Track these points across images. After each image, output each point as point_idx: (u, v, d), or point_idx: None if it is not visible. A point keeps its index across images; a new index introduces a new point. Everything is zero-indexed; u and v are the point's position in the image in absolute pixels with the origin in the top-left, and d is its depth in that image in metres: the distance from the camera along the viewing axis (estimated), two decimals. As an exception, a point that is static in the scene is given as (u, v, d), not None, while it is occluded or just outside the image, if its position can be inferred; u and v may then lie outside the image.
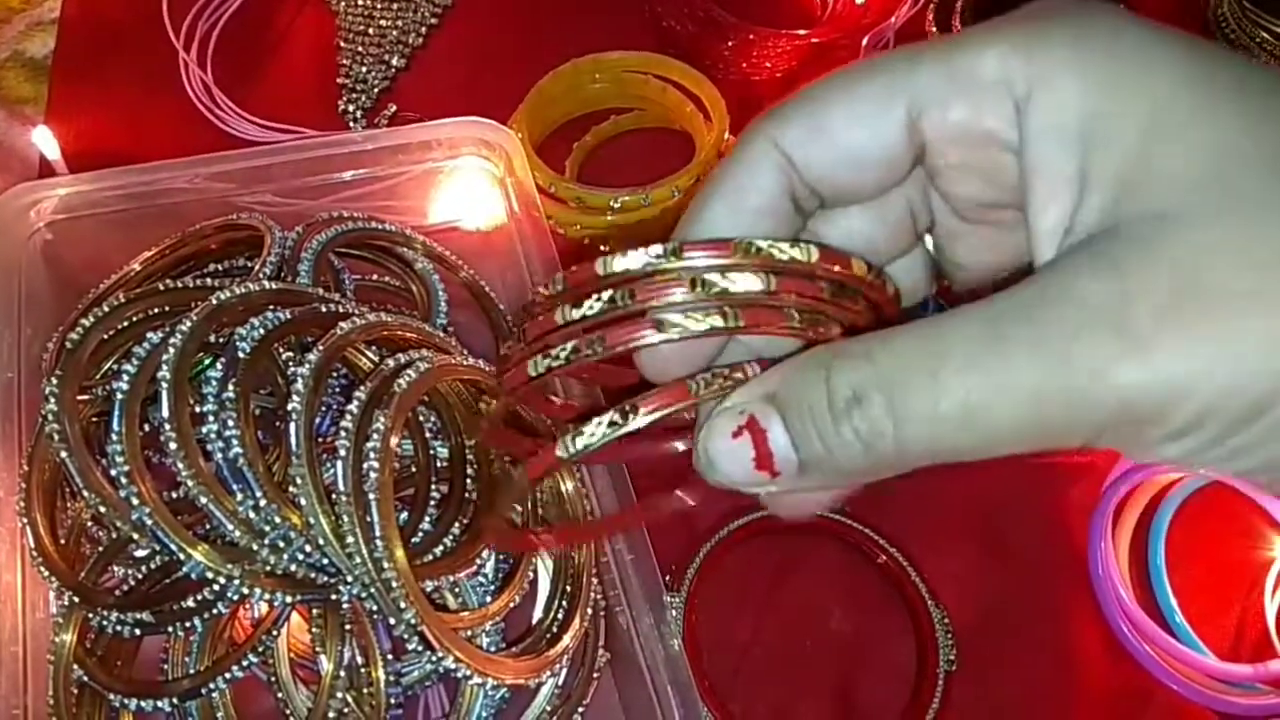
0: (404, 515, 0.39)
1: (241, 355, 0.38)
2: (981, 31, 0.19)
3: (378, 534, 0.35)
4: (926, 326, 0.18)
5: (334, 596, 0.37)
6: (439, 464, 0.42)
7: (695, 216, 0.21)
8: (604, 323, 0.19)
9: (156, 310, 0.41)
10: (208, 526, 0.37)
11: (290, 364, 0.40)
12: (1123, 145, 0.17)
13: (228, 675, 0.37)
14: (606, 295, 0.19)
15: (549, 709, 0.41)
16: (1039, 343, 0.17)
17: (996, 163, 0.20)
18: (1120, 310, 0.16)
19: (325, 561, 0.37)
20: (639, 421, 0.19)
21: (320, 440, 0.39)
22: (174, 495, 0.38)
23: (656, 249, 0.19)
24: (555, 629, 0.41)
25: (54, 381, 0.38)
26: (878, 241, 0.22)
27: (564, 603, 0.41)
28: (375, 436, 0.37)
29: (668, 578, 0.46)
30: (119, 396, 0.37)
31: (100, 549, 0.39)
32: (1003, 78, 0.18)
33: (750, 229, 0.21)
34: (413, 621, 0.35)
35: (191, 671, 0.38)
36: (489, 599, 0.40)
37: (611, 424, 0.20)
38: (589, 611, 0.41)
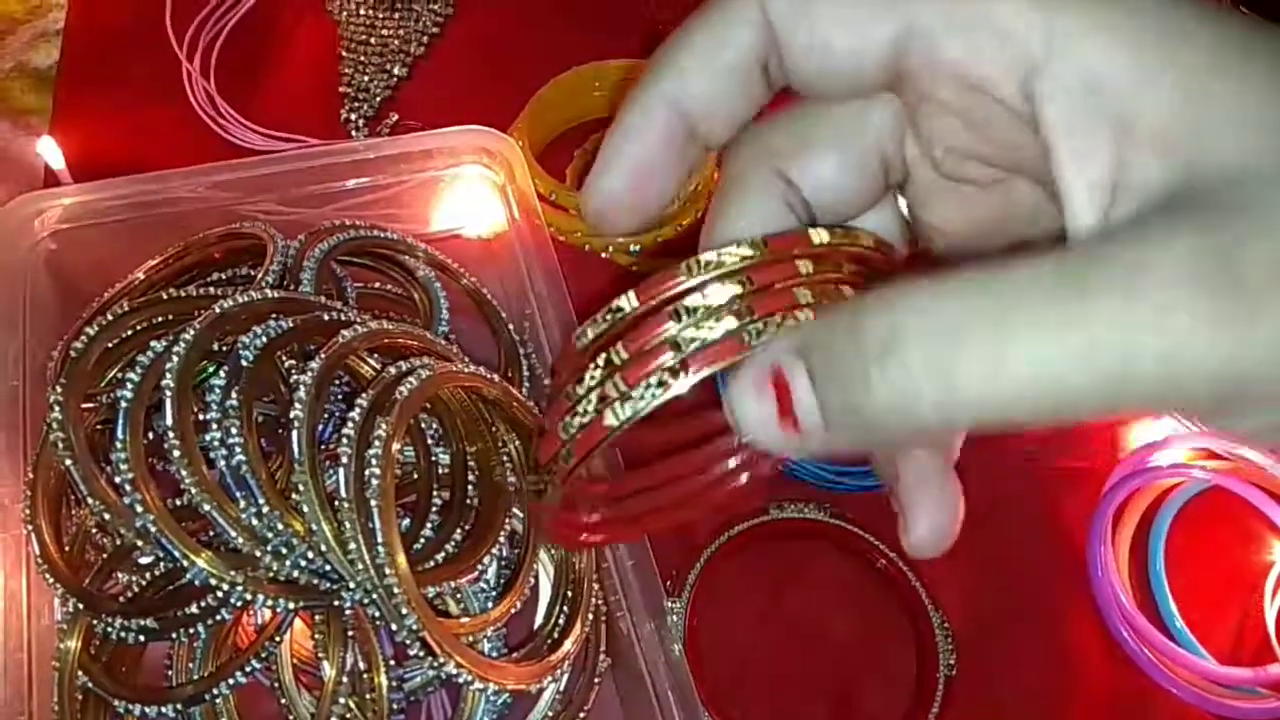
0: (406, 522, 0.40)
1: (244, 363, 0.38)
2: None
3: (380, 540, 0.36)
4: (983, 273, 0.16)
5: (336, 603, 0.38)
6: (440, 471, 0.42)
7: (666, 67, 0.20)
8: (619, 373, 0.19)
9: (160, 319, 0.42)
10: (211, 533, 0.37)
11: (293, 372, 0.40)
12: (1168, 104, 0.16)
13: (231, 681, 0.38)
14: (602, 359, 0.19)
15: (550, 714, 0.41)
16: (1133, 297, 0.15)
17: (985, 112, 0.19)
18: (1225, 269, 0.15)
19: (327, 568, 0.37)
20: (689, 380, 0.18)
21: (323, 447, 0.40)
22: (177, 502, 0.38)
23: (622, 303, 0.19)
24: (556, 634, 0.41)
25: (58, 390, 0.39)
26: (847, 191, 0.22)
27: (565, 608, 0.41)
28: (377, 443, 0.37)
29: (669, 583, 0.46)
30: (123, 404, 0.38)
31: (104, 556, 0.39)
32: (1015, 29, 0.17)
33: (720, 85, 0.20)
34: (414, 627, 0.35)
35: (195, 677, 0.38)
36: (490, 605, 0.40)
37: (660, 384, 0.18)
38: (590, 617, 0.41)
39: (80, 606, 0.38)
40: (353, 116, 0.61)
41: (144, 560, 0.39)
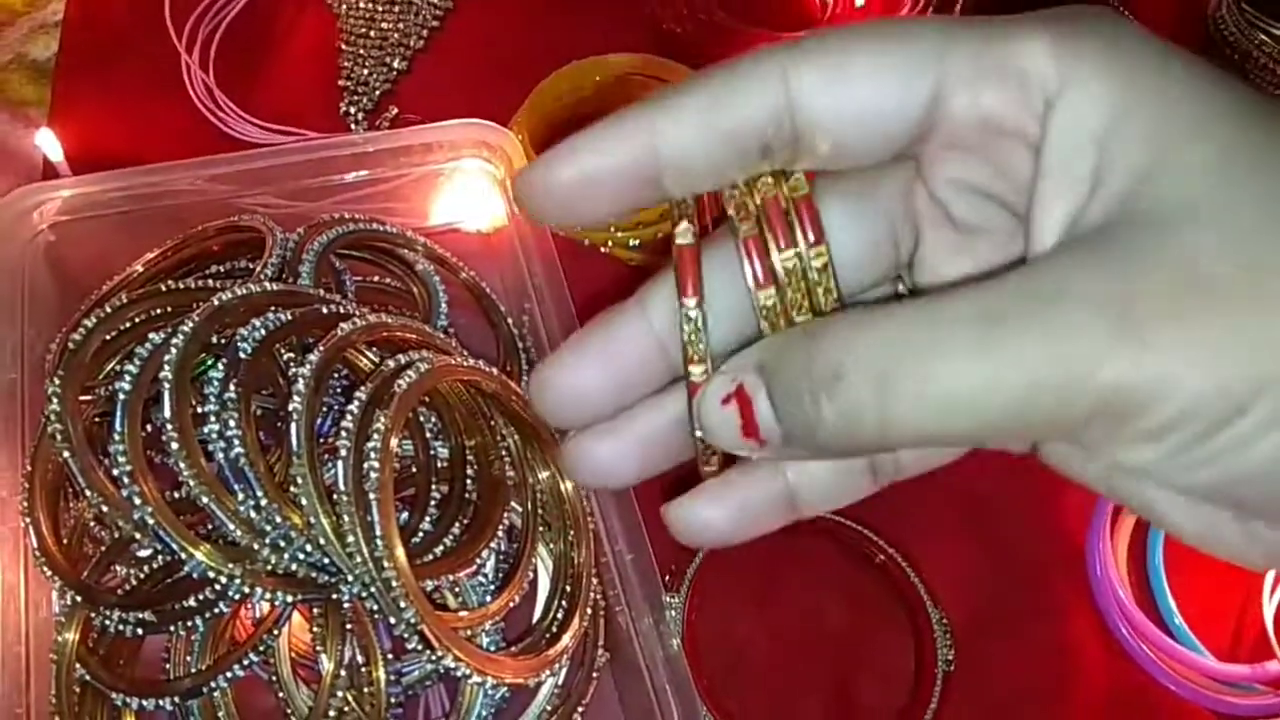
0: (404, 515, 0.40)
1: (243, 356, 0.38)
2: (1020, 23, 0.19)
3: (378, 534, 0.36)
4: (917, 307, 0.18)
5: (335, 596, 0.38)
6: (439, 464, 0.42)
7: (665, 107, 0.20)
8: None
9: (159, 311, 0.42)
10: (209, 526, 0.37)
11: (291, 365, 0.40)
12: (1135, 149, 0.18)
13: (229, 674, 0.38)
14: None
15: (549, 708, 0.41)
16: (1038, 330, 0.17)
17: (1012, 157, 0.19)
18: (1121, 303, 0.16)
19: (326, 561, 0.37)
20: None
21: (321, 441, 0.40)
22: (176, 495, 0.38)
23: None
24: (555, 629, 0.41)
25: (56, 382, 0.39)
26: (859, 256, 0.22)
27: (563, 602, 0.41)
28: (376, 437, 0.37)
29: (667, 578, 0.46)
30: (121, 397, 0.37)
31: (102, 549, 0.39)
32: (1039, 72, 0.18)
33: (708, 147, 0.20)
34: (413, 621, 0.35)
35: (193, 670, 0.38)
36: (489, 599, 0.40)
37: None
38: (588, 611, 0.41)
39: (78, 599, 0.38)
40: (352, 110, 0.61)
41: (142, 553, 0.39)
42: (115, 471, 0.37)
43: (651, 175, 0.20)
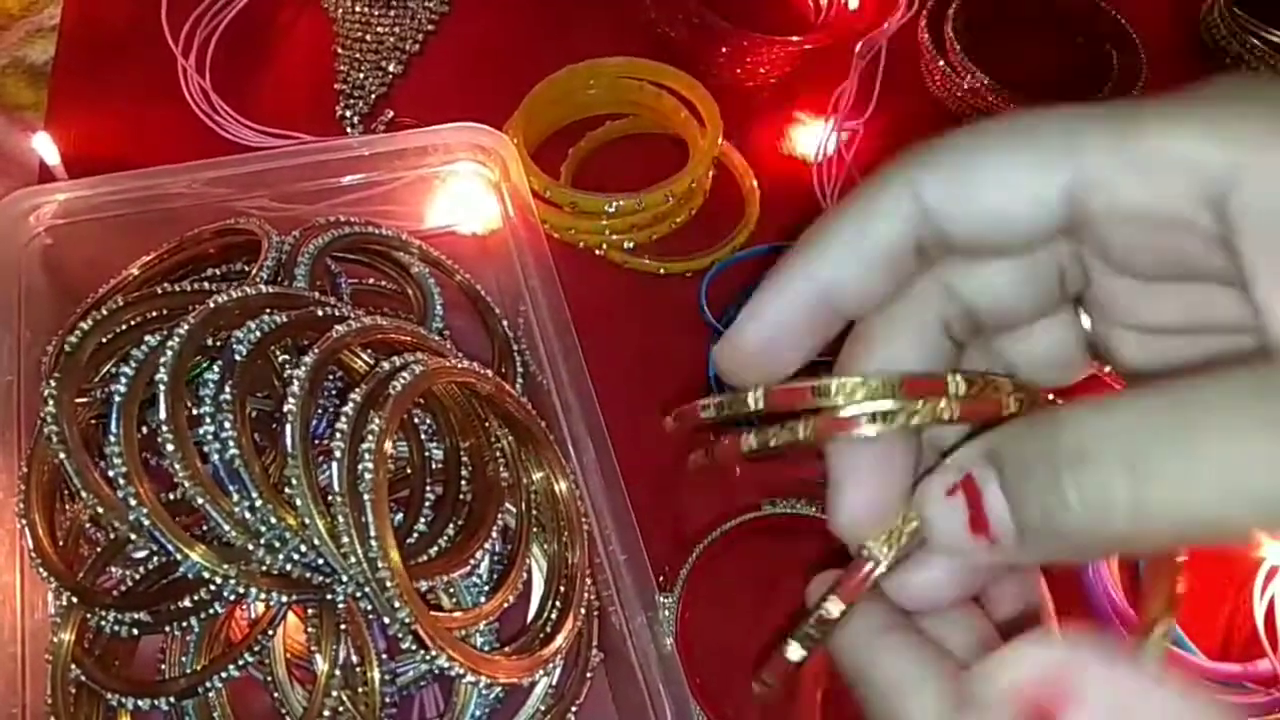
0: (399, 516, 0.40)
1: (238, 358, 0.38)
2: (1164, 109, 0.18)
3: (372, 534, 0.36)
4: (1178, 384, 0.16)
5: (329, 596, 0.38)
6: (434, 466, 0.42)
7: (814, 252, 0.20)
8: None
9: (154, 314, 0.42)
10: (205, 527, 0.38)
11: (286, 366, 0.41)
12: None
13: (224, 674, 0.38)
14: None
15: (542, 708, 0.41)
16: None
17: (1177, 244, 0.18)
18: None
19: (321, 561, 0.37)
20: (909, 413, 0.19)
21: (316, 442, 0.40)
22: (171, 496, 0.38)
23: (748, 399, 0.20)
24: (549, 629, 0.41)
25: (53, 384, 0.39)
26: (1018, 300, 0.21)
27: (557, 603, 0.42)
28: (370, 438, 0.37)
29: (661, 578, 0.47)
30: (117, 399, 0.38)
31: (98, 550, 0.39)
32: (1194, 160, 0.17)
33: (868, 273, 0.20)
34: (407, 621, 0.35)
35: (188, 671, 0.38)
36: (483, 599, 0.41)
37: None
38: (582, 611, 0.42)
39: (74, 600, 0.38)
40: (348, 113, 0.61)
41: (138, 554, 0.39)
42: (111, 473, 0.37)
43: (829, 311, 0.21)
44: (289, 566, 0.37)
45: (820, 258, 0.20)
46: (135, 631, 0.38)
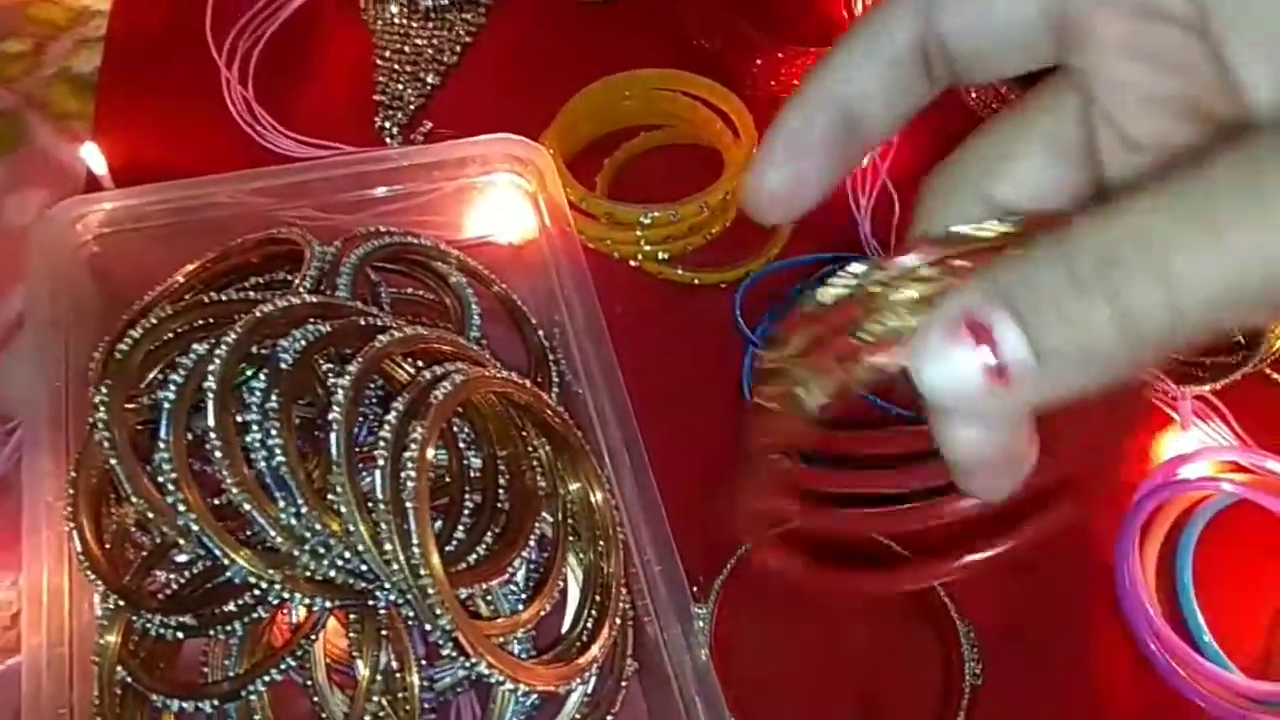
0: (438, 524, 0.40)
1: (283, 366, 0.39)
2: None
3: (414, 541, 0.36)
4: (1174, 178, 0.16)
5: (371, 602, 0.38)
6: (472, 474, 0.43)
7: (828, 62, 0.21)
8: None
9: (201, 322, 0.43)
10: (250, 532, 0.38)
11: (330, 375, 0.41)
12: None
13: (266, 678, 0.38)
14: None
15: (578, 716, 0.41)
16: None
17: (1166, 41, 0.18)
18: None
19: (363, 568, 0.38)
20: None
21: (359, 450, 0.40)
22: (217, 502, 0.39)
23: (858, 269, 0.20)
24: (585, 638, 0.41)
25: (103, 390, 0.40)
26: (1053, 187, 0.21)
27: (593, 612, 0.42)
28: (413, 447, 0.38)
29: (695, 589, 0.47)
30: (166, 405, 0.38)
31: (144, 554, 0.40)
32: None
33: (881, 78, 0.21)
34: (448, 627, 0.36)
35: (231, 674, 0.39)
36: (521, 607, 0.41)
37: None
38: (618, 621, 0.42)
39: (120, 603, 0.38)
40: (387, 124, 0.62)
41: (182, 558, 0.39)
42: (159, 478, 0.37)
43: (849, 129, 0.21)
44: (332, 572, 0.37)
45: (833, 69, 0.21)
46: (180, 634, 0.38)
